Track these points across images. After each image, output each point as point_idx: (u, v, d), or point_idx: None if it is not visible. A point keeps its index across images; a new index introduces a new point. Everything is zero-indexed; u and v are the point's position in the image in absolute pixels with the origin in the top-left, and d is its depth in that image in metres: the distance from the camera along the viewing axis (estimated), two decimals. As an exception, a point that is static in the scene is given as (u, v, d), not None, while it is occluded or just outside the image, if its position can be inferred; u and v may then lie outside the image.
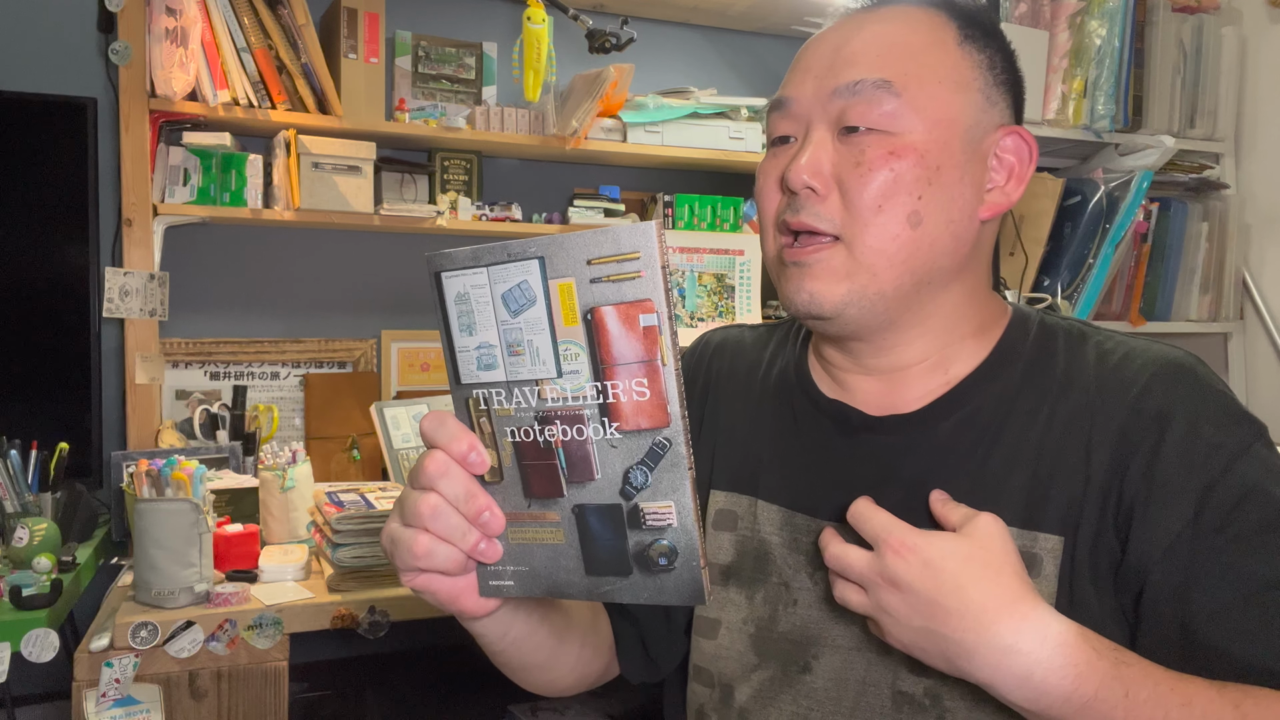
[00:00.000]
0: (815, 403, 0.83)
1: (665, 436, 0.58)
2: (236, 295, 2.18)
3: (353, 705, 1.95)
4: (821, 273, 0.74)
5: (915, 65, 0.74)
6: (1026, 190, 0.81)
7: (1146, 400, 0.71)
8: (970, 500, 0.72)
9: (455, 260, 0.60)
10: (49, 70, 2.00)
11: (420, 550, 0.63)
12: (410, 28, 2.27)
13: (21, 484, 1.65)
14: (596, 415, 0.59)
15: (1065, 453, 0.72)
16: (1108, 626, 0.69)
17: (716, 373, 0.93)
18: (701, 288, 2.42)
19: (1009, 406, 0.75)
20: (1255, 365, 2.39)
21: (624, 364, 0.57)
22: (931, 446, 0.76)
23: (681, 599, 0.60)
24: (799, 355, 0.88)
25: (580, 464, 0.60)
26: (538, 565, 0.64)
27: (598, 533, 0.61)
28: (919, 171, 0.73)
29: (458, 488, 0.63)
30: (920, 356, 0.78)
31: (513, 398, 0.61)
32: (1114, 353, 0.75)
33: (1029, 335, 0.79)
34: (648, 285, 0.55)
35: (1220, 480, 0.68)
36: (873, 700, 0.74)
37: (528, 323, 0.59)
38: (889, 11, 0.78)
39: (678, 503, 0.58)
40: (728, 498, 0.86)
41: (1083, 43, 2.21)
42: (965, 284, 0.78)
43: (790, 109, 0.78)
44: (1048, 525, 0.71)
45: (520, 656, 0.79)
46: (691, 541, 0.59)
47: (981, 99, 0.76)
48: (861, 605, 0.69)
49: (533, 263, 0.58)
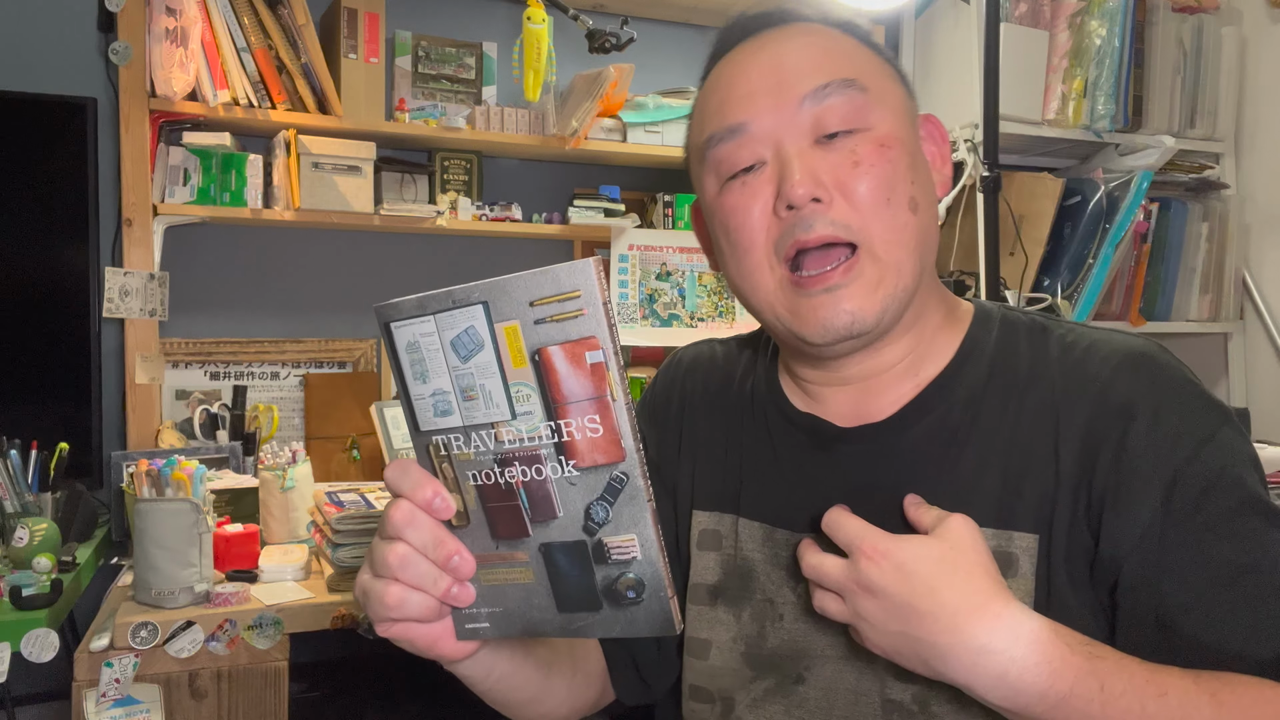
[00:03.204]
0: (788, 417, 0.83)
1: (622, 471, 0.58)
2: (236, 295, 2.18)
3: (353, 705, 1.95)
4: (859, 290, 0.73)
5: (859, 63, 0.75)
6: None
7: (1111, 393, 0.71)
8: (945, 503, 0.71)
9: (402, 310, 0.60)
10: (49, 70, 2.00)
11: (392, 601, 0.63)
12: (410, 28, 2.27)
13: (21, 484, 1.64)
14: (553, 454, 0.59)
15: (1034, 450, 0.73)
16: (1086, 622, 0.69)
17: (690, 391, 0.93)
18: (702, 288, 2.42)
19: (976, 407, 0.76)
20: (1255, 365, 2.39)
21: (575, 402, 0.58)
22: (904, 453, 0.76)
23: (652, 630, 0.60)
24: (769, 369, 0.88)
25: (542, 503, 0.61)
26: (511, 605, 0.64)
27: (565, 570, 0.62)
28: (906, 158, 0.74)
29: (425, 535, 0.62)
30: (899, 357, 0.78)
31: (471, 442, 0.62)
32: (1076, 345, 0.75)
33: (992, 332, 0.79)
34: (591, 323, 0.56)
35: (1187, 468, 0.68)
36: (864, 709, 0.74)
37: (478, 367, 0.59)
38: (798, 27, 0.78)
39: (640, 535, 0.59)
40: (710, 517, 0.86)
41: (1083, 43, 2.21)
42: (931, 273, 0.80)
43: (750, 133, 0.75)
44: (1022, 524, 0.72)
45: (508, 693, 0.79)
46: (657, 573, 0.59)
47: (905, 90, 0.79)
48: (840, 613, 0.69)
49: (477, 308, 0.58)
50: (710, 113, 0.78)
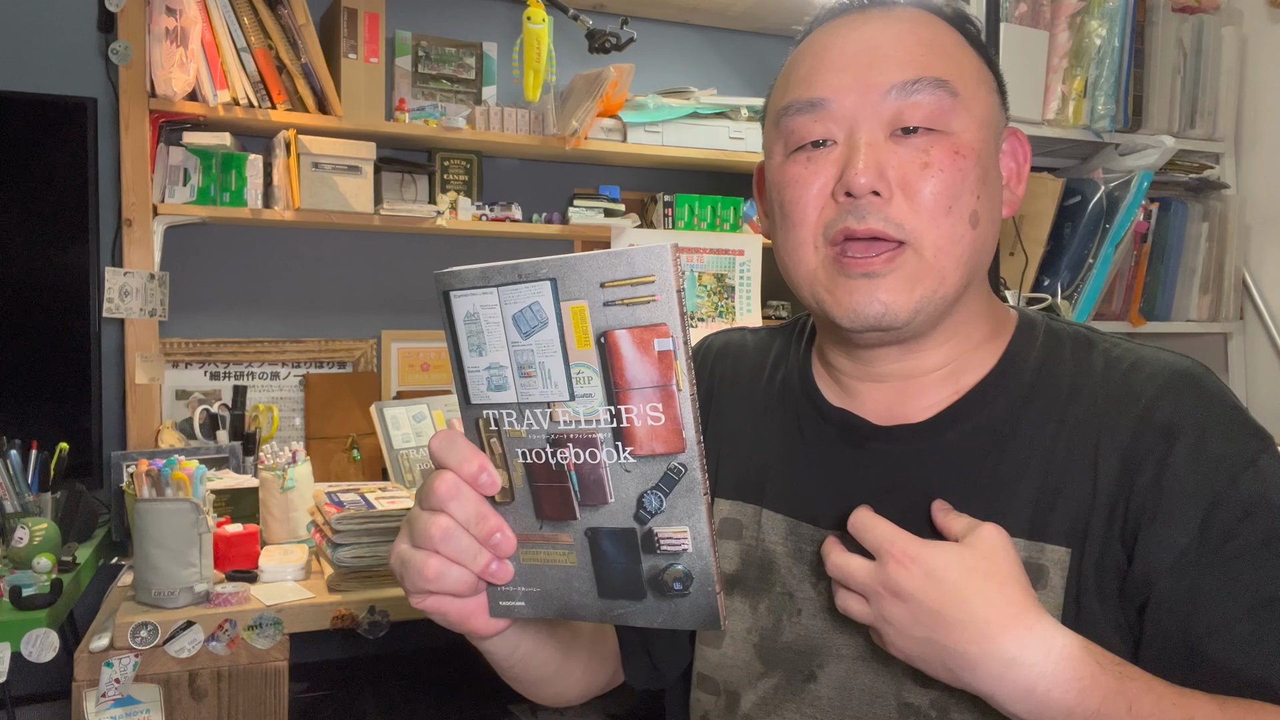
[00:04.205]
0: (821, 411, 0.82)
1: (680, 462, 0.57)
2: (236, 295, 2.18)
3: (353, 705, 1.95)
4: (897, 282, 0.72)
5: (957, 65, 0.74)
6: (1026, 190, 0.81)
7: (1154, 412, 0.70)
8: (977, 510, 0.71)
9: (464, 280, 0.59)
10: (49, 70, 2.00)
11: (431, 573, 0.62)
12: (410, 28, 2.27)
13: (21, 484, 1.65)
14: (610, 439, 0.58)
15: (1072, 463, 0.72)
16: (1112, 639, 0.68)
17: (720, 378, 0.92)
18: (702, 288, 2.42)
19: (1017, 416, 0.75)
20: (1255, 365, 2.39)
21: (638, 388, 0.57)
22: (939, 456, 0.76)
23: (696, 624, 0.59)
24: (803, 361, 0.87)
25: (593, 487, 0.60)
26: (549, 587, 0.63)
27: (611, 556, 0.61)
28: (978, 171, 0.73)
29: (469, 509, 0.62)
30: (939, 364, 0.78)
31: (524, 419, 0.61)
32: (1121, 361, 0.75)
33: (1036, 342, 0.78)
34: (663, 309, 0.54)
35: (1226, 493, 0.67)
36: (879, 711, 0.74)
37: (539, 345, 0.58)
38: (905, 11, 0.76)
39: (693, 528, 0.58)
40: (732, 506, 0.86)
41: (1083, 43, 2.21)
42: (982, 286, 0.79)
43: (829, 110, 0.74)
44: (1055, 537, 0.71)
45: (528, 672, 0.79)
46: (707, 567, 0.58)
47: (998, 100, 0.78)
48: (863, 615, 0.68)
49: (544, 284, 0.57)
50: (796, 80, 0.77)
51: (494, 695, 1.86)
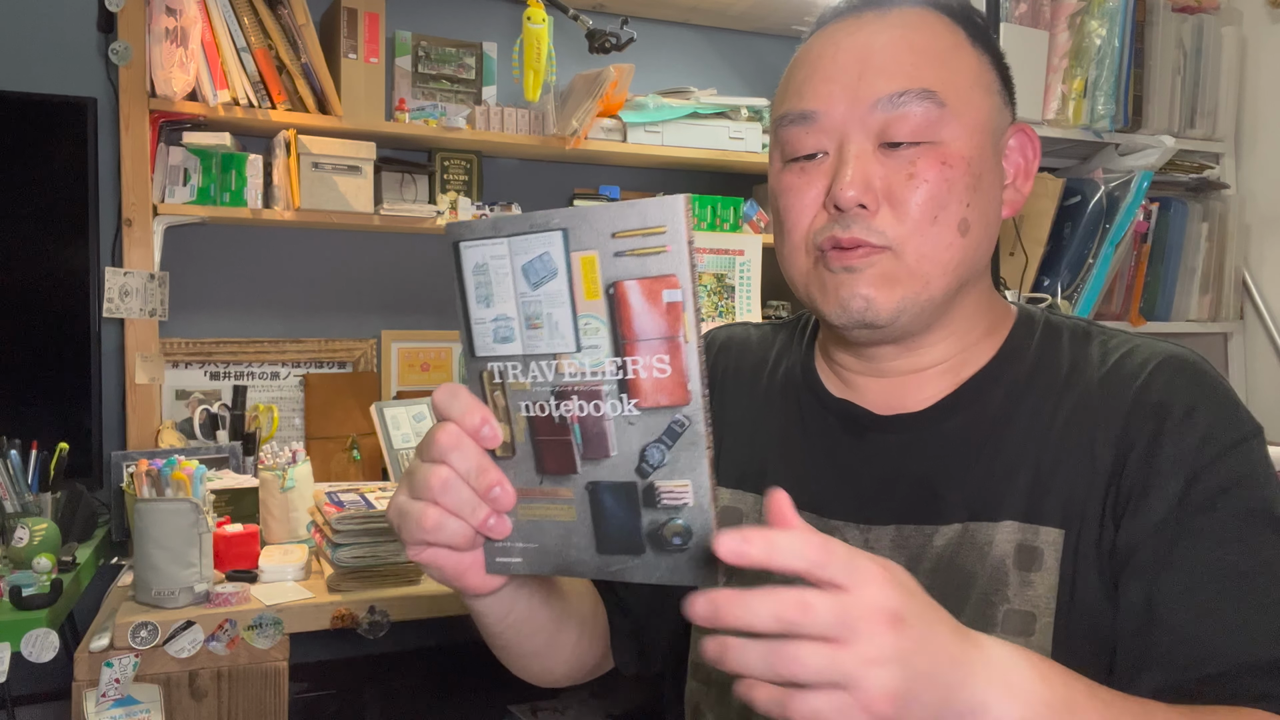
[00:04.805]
0: (822, 401, 0.84)
1: (685, 414, 0.57)
2: (236, 295, 2.18)
3: (353, 705, 1.95)
4: (875, 278, 0.73)
5: (949, 72, 0.74)
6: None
7: (1147, 392, 0.72)
8: (973, 496, 0.73)
9: (475, 230, 0.59)
10: (49, 70, 2.00)
11: (429, 524, 0.62)
12: (410, 28, 2.27)
13: (21, 484, 1.64)
14: (615, 391, 0.58)
15: (1068, 447, 0.73)
16: (1107, 617, 0.70)
17: (723, 370, 0.93)
18: (701, 287, 2.42)
19: (1014, 404, 0.76)
20: (1255, 365, 2.39)
21: (645, 340, 0.56)
22: (937, 444, 0.77)
23: (695, 579, 0.59)
24: (805, 354, 0.88)
25: (596, 440, 0.59)
26: (548, 542, 0.63)
27: (611, 511, 0.60)
28: (968, 179, 0.74)
29: (469, 461, 0.61)
30: (940, 359, 0.79)
31: (529, 371, 0.60)
32: (1117, 349, 0.76)
33: (1034, 334, 0.80)
34: (673, 260, 0.54)
35: (1210, 467, 0.68)
36: None
37: (548, 296, 0.58)
38: (901, 15, 0.77)
39: (694, 482, 0.57)
40: (733, 495, 0.86)
41: (1083, 43, 2.21)
42: (981, 284, 0.80)
43: (819, 123, 0.75)
44: (1049, 519, 0.72)
45: (519, 641, 0.79)
46: (707, 521, 0.57)
47: (999, 100, 0.78)
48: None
49: (555, 234, 0.56)
50: (791, 90, 0.78)
51: (494, 695, 1.86)
